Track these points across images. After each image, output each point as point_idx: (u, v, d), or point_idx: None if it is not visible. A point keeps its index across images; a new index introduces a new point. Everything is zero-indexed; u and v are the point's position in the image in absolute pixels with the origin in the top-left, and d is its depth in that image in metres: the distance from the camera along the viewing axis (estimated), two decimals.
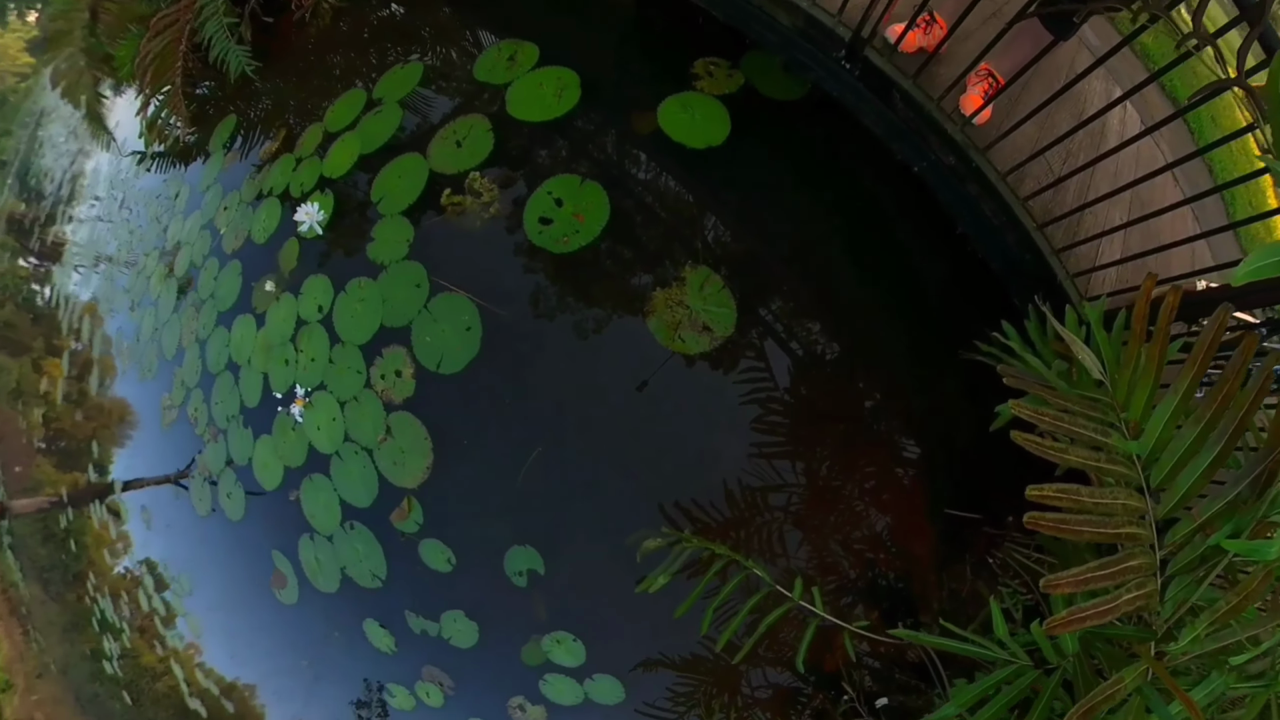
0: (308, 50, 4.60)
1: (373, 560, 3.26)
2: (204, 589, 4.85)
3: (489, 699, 3.27)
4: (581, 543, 2.85)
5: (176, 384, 4.69)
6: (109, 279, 6.52)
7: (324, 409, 3.37)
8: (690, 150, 2.94)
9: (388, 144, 3.56)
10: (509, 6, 3.88)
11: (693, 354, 2.71)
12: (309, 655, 4.09)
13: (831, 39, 2.22)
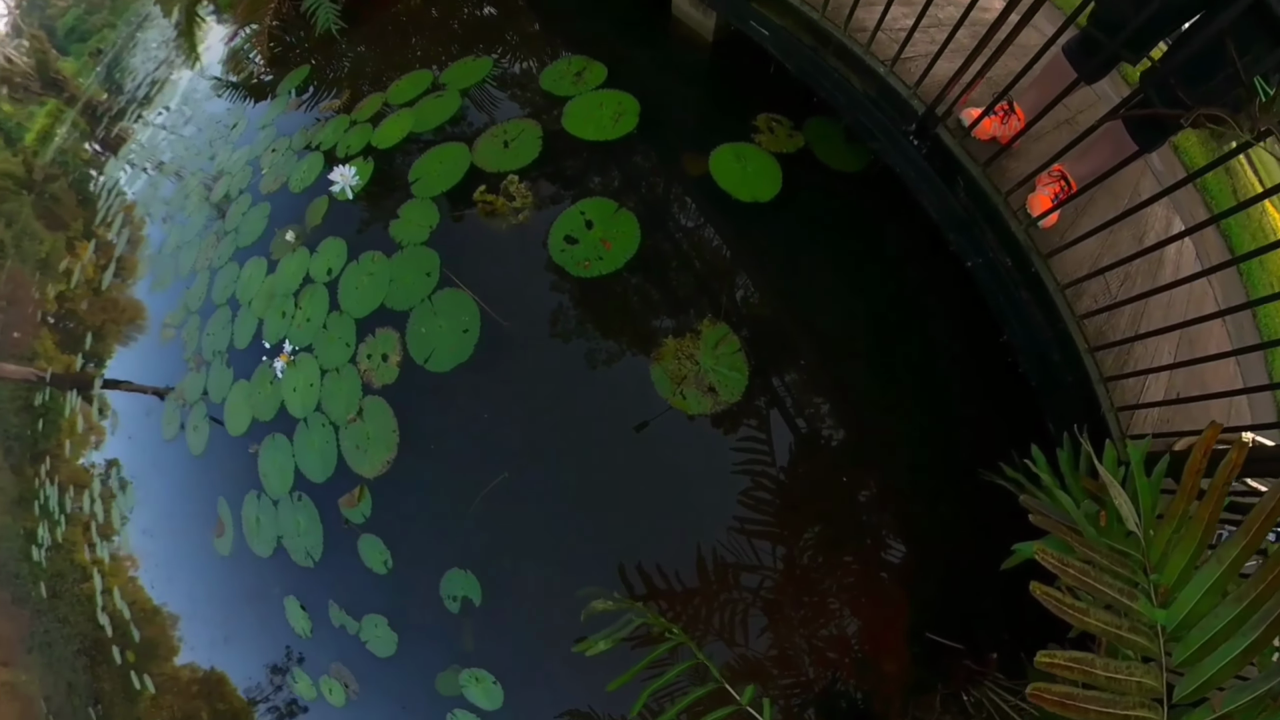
0: (393, 24, 4.54)
1: (310, 538, 3.02)
2: (145, 510, 4.64)
3: (391, 715, 3.03)
4: (528, 583, 2.56)
5: (181, 304, 4.57)
6: (154, 185, 6.51)
7: (305, 371, 3.18)
8: (735, 201, 2.80)
9: (439, 128, 3.46)
10: (590, 26, 3.82)
11: (691, 414, 2.48)
12: (226, 611, 3.87)
13: (903, 111, 2.08)
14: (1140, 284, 1.99)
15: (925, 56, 2.01)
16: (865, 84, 2.19)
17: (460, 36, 4.21)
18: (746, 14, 2.53)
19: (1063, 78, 1.77)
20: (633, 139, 3.13)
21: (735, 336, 2.58)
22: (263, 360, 3.42)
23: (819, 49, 2.31)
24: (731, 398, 2.50)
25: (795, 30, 2.36)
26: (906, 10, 2.17)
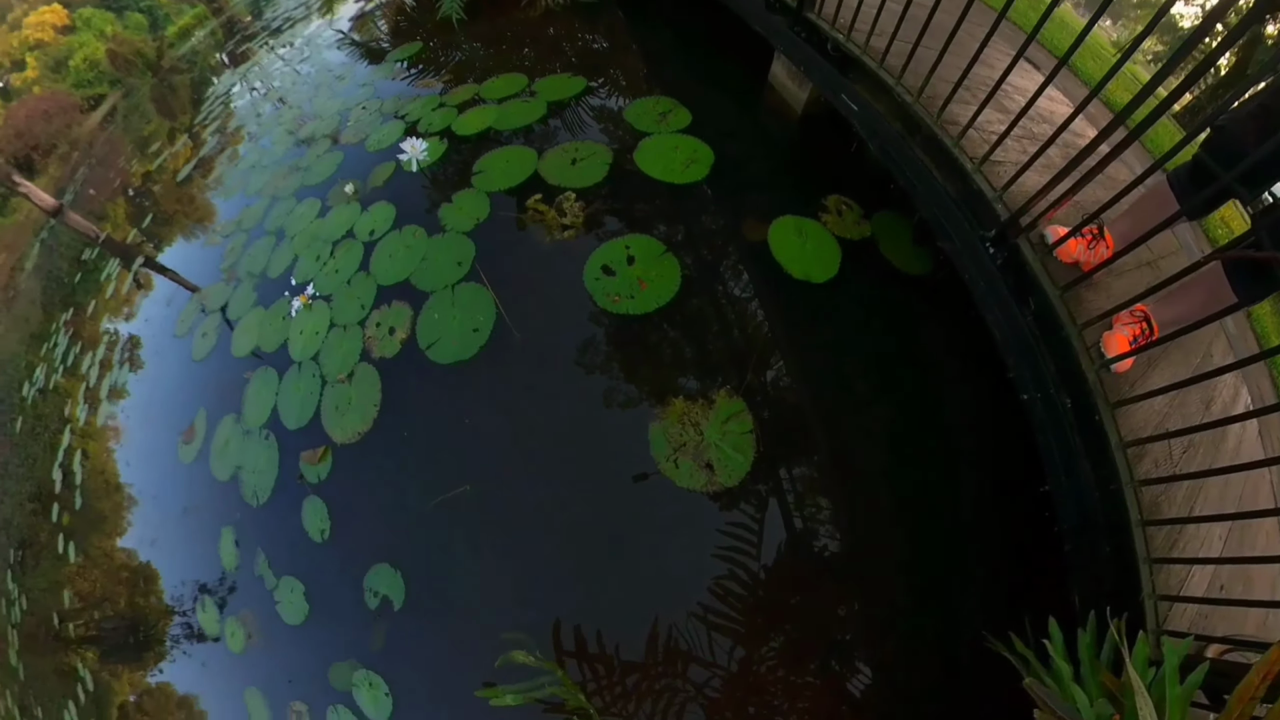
0: (508, 28, 4.63)
1: (263, 480, 2.87)
2: (137, 390, 4.69)
3: (277, 682, 2.76)
4: (455, 605, 2.36)
5: (237, 219, 4.65)
6: (256, 106, 6.82)
7: (317, 318, 3.10)
8: (786, 275, 2.60)
9: (517, 130, 3.47)
10: (688, 75, 3.80)
11: (683, 488, 2.19)
12: (170, 517, 3.79)
13: (984, 215, 1.86)
14: (1203, 456, 1.71)
15: (1014, 165, 1.83)
16: (948, 179, 2.00)
17: (565, 55, 4.25)
18: (840, 86, 2.40)
19: (1162, 208, 1.55)
20: (698, 189, 2.99)
21: (750, 416, 2.29)
22: (285, 295, 3.39)
23: (906, 135, 2.14)
24: (728, 480, 2.19)
25: (885, 112, 2.22)
26: (1000, 116, 2.05)
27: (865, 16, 2.30)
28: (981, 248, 1.90)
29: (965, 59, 1.79)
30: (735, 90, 3.59)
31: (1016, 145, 2.02)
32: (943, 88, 1.97)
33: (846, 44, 2.35)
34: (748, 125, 3.42)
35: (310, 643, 2.66)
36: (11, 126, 16.50)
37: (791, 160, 3.26)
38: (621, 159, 3.17)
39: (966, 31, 1.79)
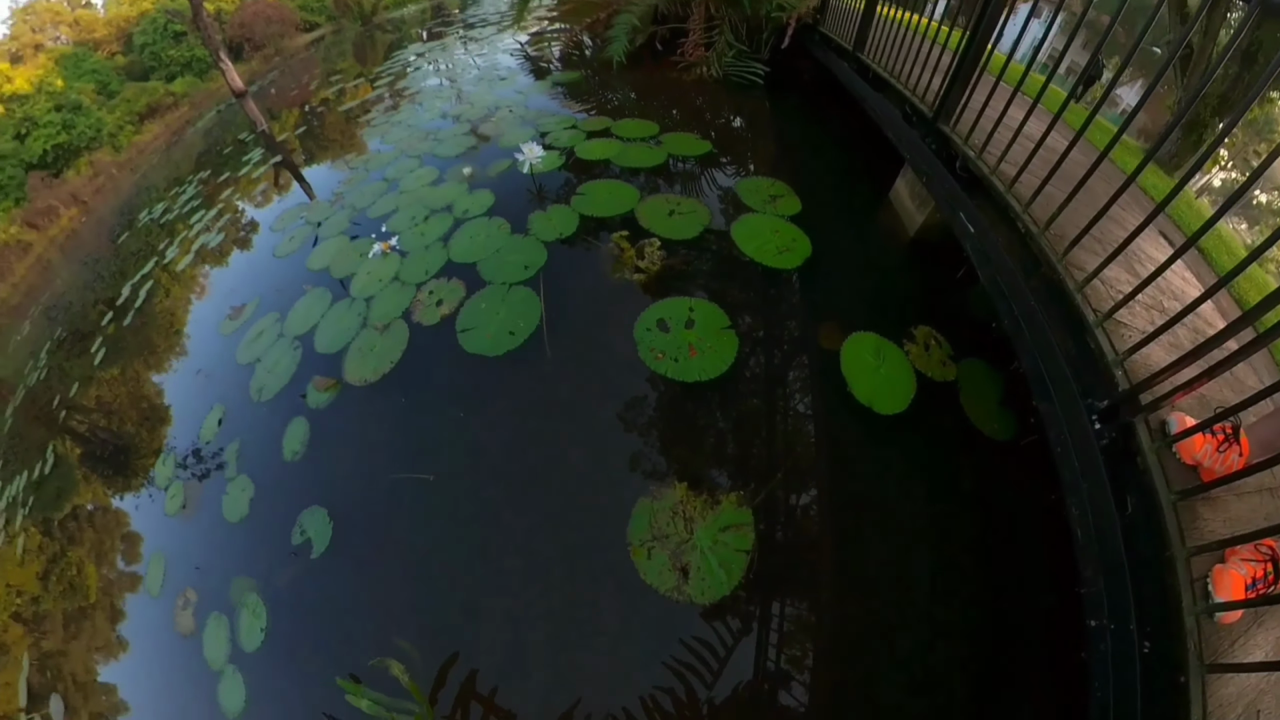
0: (660, 81, 5.02)
1: (272, 381, 2.99)
2: (217, 260, 5.05)
3: (186, 561, 2.78)
4: (370, 574, 2.26)
5: (366, 159, 5.12)
6: (427, 78, 7.59)
7: (386, 267, 3.28)
8: (849, 395, 2.29)
9: (632, 170, 3.64)
10: (812, 167, 3.81)
11: (645, 581, 1.91)
12: (186, 373, 3.94)
13: (1098, 381, 1.52)
14: None
15: (1140, 332, 1.53)
16: (1062, 330, 1.68)
17: (701, 119, 4.50)
18: (960, 204, 2.21)
19: None
20: (786, 277, 2.84)
21: (753, 534, 1.96)
22: (372, 236, 3.63)
23: (1023, 271, 1.86)
24: (698, 595, 1.85)
25: (1004, 242, 1.98)
26: (1128, 277, 1.75)
27: (999, 141, 2.09)
28: (1087, 419, 1.52)
29: (1094, 209, 1.58)
30: (853, 196, 3.57)
31: (1143, 314, 1.68)
32: (1069, 230, 1.73)
33: (976, 161, 2.16)
34: (855, 232, 3.30)
35: (231, 544, 2.66)
36: (239, 16, 19.11)
37: (890, 280, 3.02)
38: (718, 226, 3.16)
39: (1099, 185, 1.66)
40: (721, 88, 4.80)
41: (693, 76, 4.93)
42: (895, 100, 2.98)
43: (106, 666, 2.89)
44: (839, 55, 3.91)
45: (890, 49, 3.04)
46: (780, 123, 4.51)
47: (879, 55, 3.21)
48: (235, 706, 2.23)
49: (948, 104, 2.40)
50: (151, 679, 2.71)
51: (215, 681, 2.32)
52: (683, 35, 5.04)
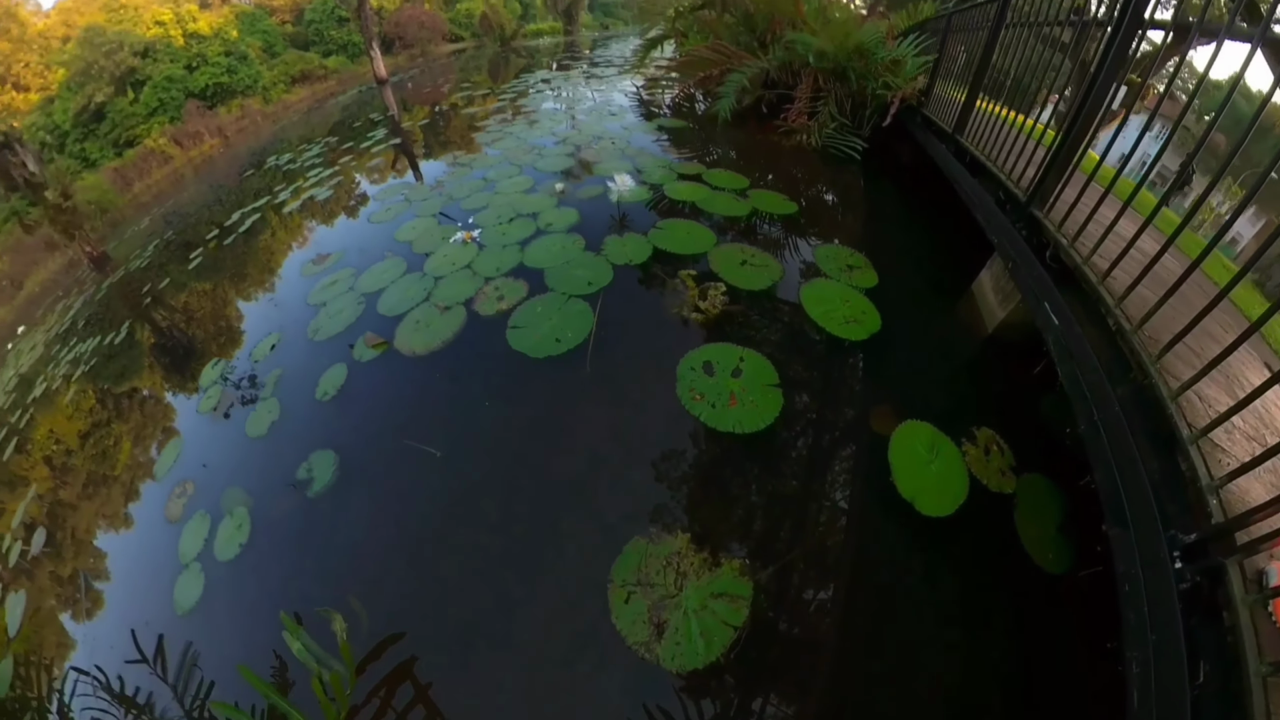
0: (761, 142, 5.24)
1: (329, 326, 3.24)
2: (318, 212, 5.55)
3: (196, 455, 3.01)
4: (353, 512, 2.32)
5: (473, 158, 5.62)
6: (545, 99, 8.33)
7: (463, 255, 3.49)
8: (890, 486, 2.10)
9: (709, 215, 3.75)
10: (895, 244, 3.77)
11: (615, 626, 1.77)
12: (263, 301, 4.30)
13: (1184, 511, 1.32)
14: None
15: (1237, 460, 1.36)
16: (1147, 445, 1.46)
17: (793, 182, 4.62)
18: (1047, 294, 2.07)
19: None
20: (847, 348, 2.71)
21: (748, 609, 1.78)
22: (459, 224, 3.92)
23: (1108, 373, 1.67)
24: (668, 660, 1.68)
25: (1092, 338, 1.81)
26: (1226, 398, 1.57)
27: (1091, 235, 1.94)
28: (1167, 553, 1.29)
29: (1189, 318, 1.43)
30: (933, 282, 3.43)
31: (1243, 443, 1.51)
32: (1162, 335, 1.57)
33: (1068, 249, 2.03)
34: (929, 317, 3.14)
35: (241, 456, 2.82)
36: (397, 16, 21.87)
37: (959, 373, 2.83)
38: (788, 284, 3.13)
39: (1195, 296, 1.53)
40: (818, 157, 4.95)
41: (792, 143, 5.12)
42: (990, 185, 2.96)
43: (105, 534, 3.11)
44: (939, 138, 3.96)
45: (989, 135, 3.07)
46: (870, 199, 4.53)
47: (978, 139, 3.24)
48: (186, 602, 2.32)
49: (1043, 189, 2.33)
50: (127, 549, 2.92)
51: (178, 573, 2.44)
52: (788, 102, 5.28)
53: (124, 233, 10.52)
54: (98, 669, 2.38)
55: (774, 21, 6.02)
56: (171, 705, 2.11)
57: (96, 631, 2.63)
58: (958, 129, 3.53)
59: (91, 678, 2.37)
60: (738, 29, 6.58)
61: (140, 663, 2.30)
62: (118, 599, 2.73)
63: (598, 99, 7.57)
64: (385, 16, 21.93)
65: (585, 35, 21.28)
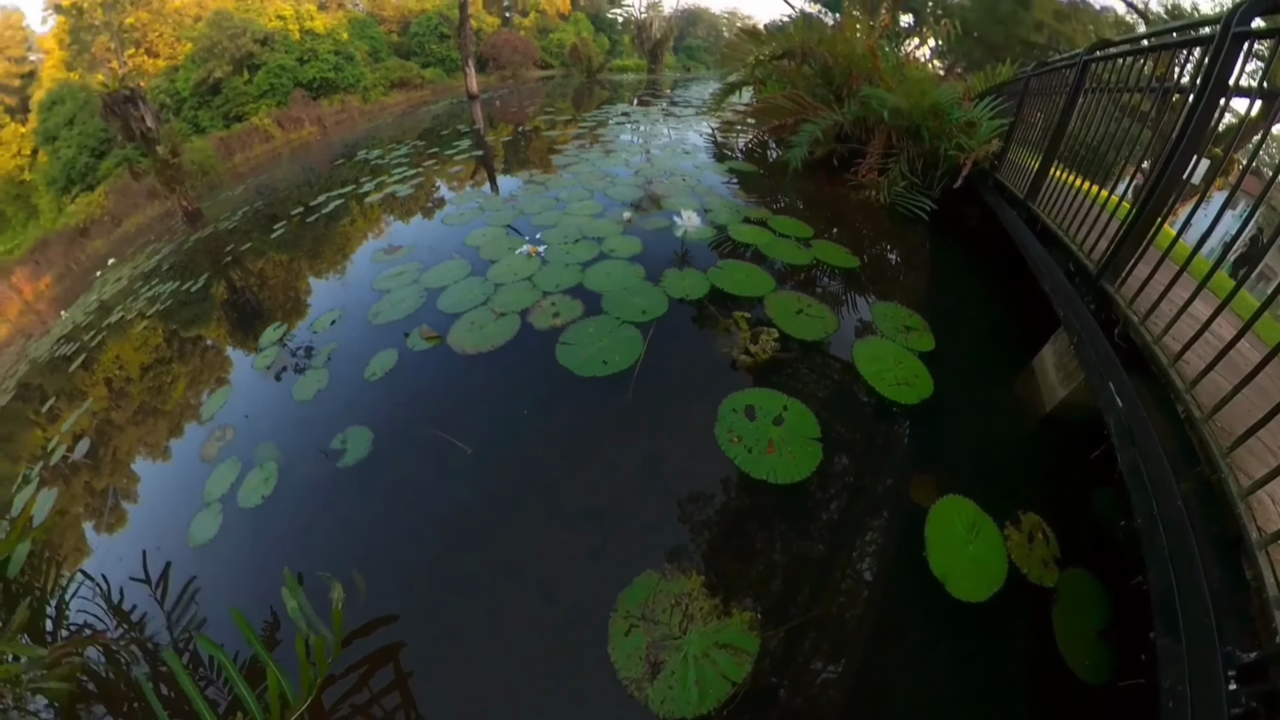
0: (829, 193, 5.29)
1: (390, 312, 3.42)
2: (398, 207, 5.92)
3: (241, 405, 3.22)
4: (374, 504, 2.36)
5: (548, 178, 5.94)
6: (624, 132, 8.73)
7: (525, 266, 3.63)
8: (923, 560, 1.98)
9: (770, 261, 3.76)
10: (957, 308, 3.69)
11: (609, 656, 1.72)
12: (333, 281, 4.57)
13: (1246, 627, 1.20)
14: None
15: None
16: (1208, 547, 1.36)
17: (858, 236, 4.62)
18: (1111, 373, 1.97)
19: None
20: (895, 411, 2.63)
21: (750, 666, 1.71)
22: (526, 238, 4.08)
23: (1174, 465, 1.56)
24: (659, 704, 1.61)
25: (1158, 425, 1.70)
26: None
27: (1163, 314, 1.86)
28: (1221, 672, 1.15)
29: (1265, 409, 1.32)
30: (992, 353, 3.32)
31: None
32: (1235, 427, 1.47)
33: (1139, 327, 1.94)
34: (985, 390, 3.05)
35: (285, 413, 2.99)
36: (494, 39, 23.68)
37: (1011, 451, 2.72)
38: (842, 338, 3.08)
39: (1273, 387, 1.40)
40: (885, 214, 4.91)
41: (860, 198, 5.12)
42: (1060, 256, 2.85)
43: (143, 461, 3.41)
44: (1010, 204, 3.88)
45: (1062, 203, 2.97)
46: (935, 261, 4.43)
47: (1050, 207, 3.14)
48: (201, 537, 2.47)
49: (1115, 262, 2.22)
50: (160, 479, 3.19)
51: (199, 509, 2.59)
52: (859, 157, 5.32)
53: (218, 195, 11.48)
54: (103, 578, 2.56)
55: (851, 76, 6.15)
56: (161, 630, 2.23)
57: (111, 545, 2.83)
58: (1030, 195, 3.46)
59: (94, 584, 2.55)
60: (814, 80, 6.77)
61: (142, 582, 2.45)
62: (139, 521, 2.94)
63: (673, 136, 7.87)
64: (483, 37, 23.76)
65: (667, 75, 22.37)
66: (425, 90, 21.38)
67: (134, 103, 9.50)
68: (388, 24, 24.36)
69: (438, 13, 23.87)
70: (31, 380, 5.74)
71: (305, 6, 21.01)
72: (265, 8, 20.37)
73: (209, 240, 7.25)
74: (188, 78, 19.03)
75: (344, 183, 7.50)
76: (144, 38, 19.97)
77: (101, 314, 6.32)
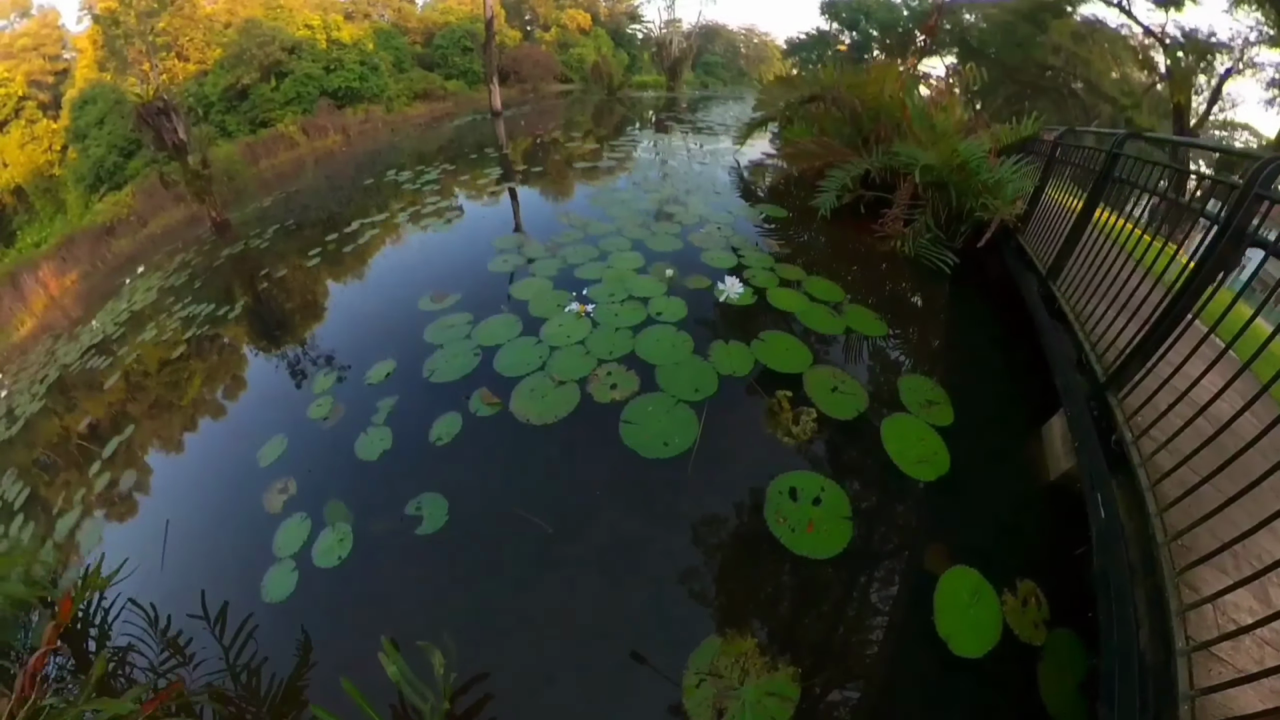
0: (856, 244, 5.43)
1: (445, 370, 3.55)
2: (437, 239, 6.12)
3: (302, 458, 3.36)
4: (455, 573, 2.52)
5: (584, 222, 6.11)
6: (649, 164, 8.94)
7: (576, 328, 3.78)
8: (930, 624, 2.30)
9: (812, 331, 3.91)
10: (976, 376, 3.84)
11: (686, 714, 2.02)
12: (378, 317, 4.74)
13: (1162, 712, 1.50)
14: None
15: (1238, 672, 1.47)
16: (1151, 642, 1.65)
17: (884, 295, 4.75)
18: (1101, 484, 2.18)
19: None
20: (914, 487, 2.88)
21: (794, 708, 2.07)
22: (573, 293, 4.22)
23: (1134, 570, 1.84)
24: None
25: (1131, 534, 1.94)
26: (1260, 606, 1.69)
27: (1166, 427, 2.04)
28: None
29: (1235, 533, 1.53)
30: (1006, 418, 3.50)
31: (1253, 651, 1.65)
32: (1203, 544, 1.72)
33: (1131, 444, 2.16)
34: (997, 458, 3.27)
35: (349, 471, 3.11)
36: (516, 52, 24.13)
37: (1015, 519, 2.98)
38: (872, 414, 3.25)
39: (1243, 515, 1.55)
40: (909, 266, 5.05)
41: (886, 247, 5.24)
42: (1070, 344, 2.98)
43: (196, 498, 3.60)
44: (1029, 269, 3.95)
45: (1082, 290, 3.03)
46: (956, 320, 4.61)
47: (1069, 292, 3.21)
48: (277, 594, 2.61)
49: (1123, 375, 2.37)
50: (219, 514, 3.33)
51: (270, 564, 2.74)
52: (886, 205, 5.42)
53: (246, 205, 11.71)
54: (152, 606, 2.75)
55: (879, 123, 6.34)
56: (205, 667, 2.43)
57: (164, 581, 2.97)
58: (1051, 274, 3.55)
59: (144, 612, 2.73)
60: (842, 123, 6.95)
61: (199, 619, 2.65)
62: (196, 563, 3.08)
63: (701, 172, 8.05)
64: (505, 51, 24.15)
65: (685, 92, 22.70)
66: (448, 102, 21.75)
67: (167, 114, 9.72)
68: (412, 35, 24.83)
69: (461, 25, 24.33)
70: (66, 389, 5.90)
71: (332, 16, 21.45)
72: (294, 16, 20.82)
73: (240, 259, 7.44)
74: (216, 83, 19.44)
75: (378, 208, 7.71)
76: (174, 41, 20.41)
77: (134, 327, 6.48)
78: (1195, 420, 1.87)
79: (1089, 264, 3.06)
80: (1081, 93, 26.51)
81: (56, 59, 21.46)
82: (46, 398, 5.87)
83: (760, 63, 40.25)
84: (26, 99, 20.36)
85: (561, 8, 28.80)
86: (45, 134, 20.35)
